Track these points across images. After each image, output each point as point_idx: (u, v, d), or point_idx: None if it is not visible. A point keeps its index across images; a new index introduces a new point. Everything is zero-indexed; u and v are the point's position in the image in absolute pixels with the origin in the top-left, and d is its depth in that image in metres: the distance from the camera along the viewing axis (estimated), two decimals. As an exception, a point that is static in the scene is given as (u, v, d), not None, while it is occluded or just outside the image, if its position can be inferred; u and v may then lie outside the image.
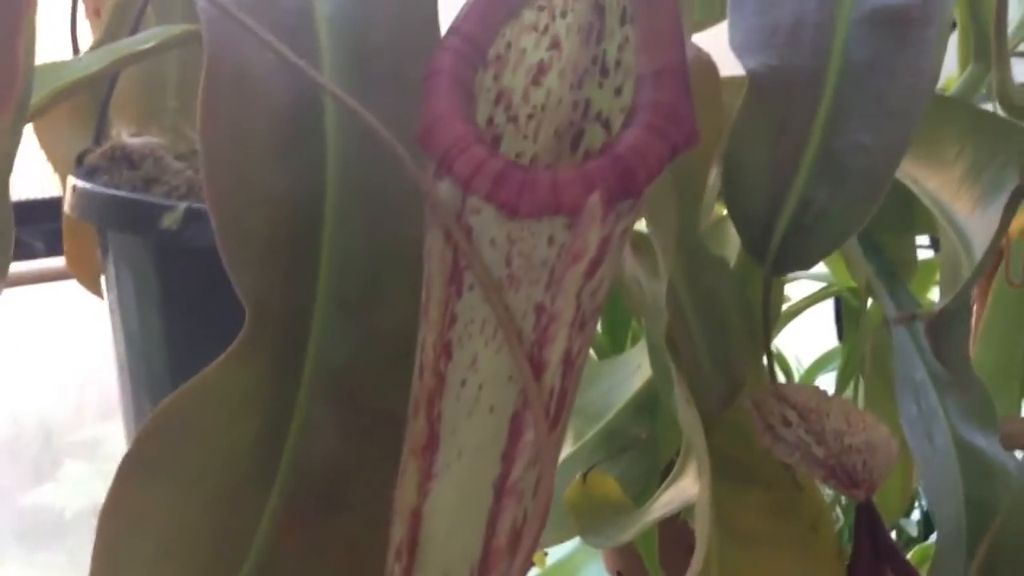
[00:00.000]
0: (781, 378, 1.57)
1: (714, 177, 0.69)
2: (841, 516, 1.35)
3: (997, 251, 0.72)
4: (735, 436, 0.69)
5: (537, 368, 0.44)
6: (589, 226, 0.41)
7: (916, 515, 1.71)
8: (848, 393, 1.54)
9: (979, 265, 0.57)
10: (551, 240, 0.42)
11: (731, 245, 0.83)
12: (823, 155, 0.60)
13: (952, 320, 0.58)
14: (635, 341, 1.38)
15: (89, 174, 0.78)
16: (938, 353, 0.59)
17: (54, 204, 0.91)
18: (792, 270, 0.61)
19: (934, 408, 0.72)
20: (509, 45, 0.48)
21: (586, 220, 0.41)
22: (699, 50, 0.65)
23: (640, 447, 1.08)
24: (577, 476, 0.96)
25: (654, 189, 0.61)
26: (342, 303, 0.52)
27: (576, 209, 0.41)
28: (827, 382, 1.81)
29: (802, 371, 1.61)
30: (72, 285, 0.98)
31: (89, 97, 0.84)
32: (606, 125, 0.49)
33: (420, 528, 0.48)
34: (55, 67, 0.72)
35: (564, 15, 0.49)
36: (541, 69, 0.49)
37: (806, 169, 0.60)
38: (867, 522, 0.62)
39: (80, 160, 0.81)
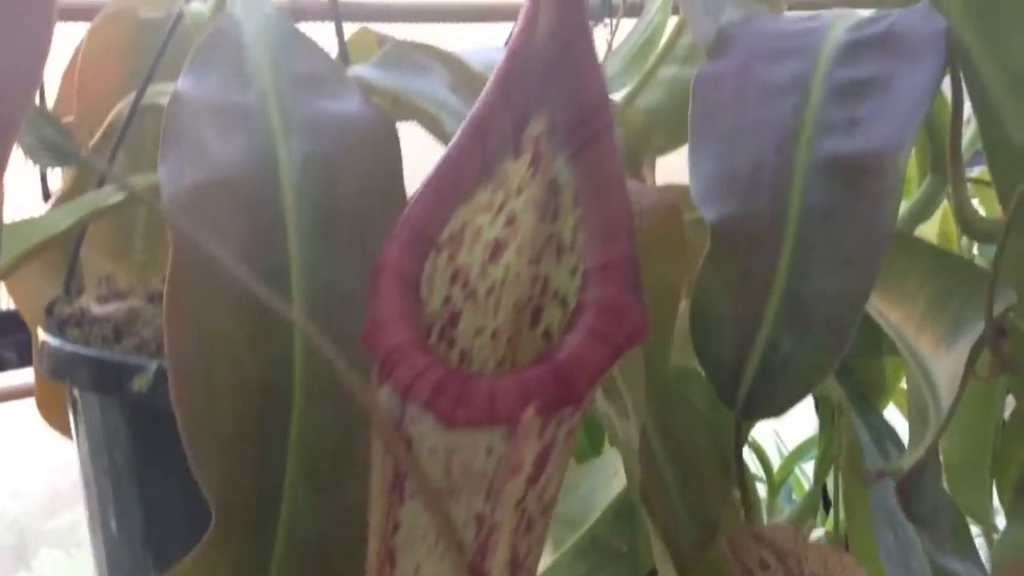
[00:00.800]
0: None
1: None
2: None
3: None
4: (710, 572, 0.69)
5: None
6: (525, 439, 0.41)
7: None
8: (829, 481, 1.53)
9: (945, 420, 0.58)
10: (489, 451, 0.42)
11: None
12: (788, 302, 0.61)
13: (922, 470, 0.58)
14: (612, 441, 1.38)
15: (59, 326, 0.77)
16: (908, 511, 0.59)
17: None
18: (762, 417, 0.62)
19: (911, 537, 0.72)
20: (464, 225, 0.49)
21: (522, 434, 0.41)
22: (663, 195, 0.66)
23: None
24: (559, 593, 0.95)
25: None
26: (313, 481, 0.52)
27: (513, 421, 0.41)
28: (808, 469, 1.81)
29: (783, 456, 1.61)
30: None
31: (59, 244, 0.84)
32: (563, 304, 0.50)
33: None
34: (24, 226, 0.73)
35: (519, 193, 0.49)
36: (498, 246, 0.50)
37: (771, 316, 0.61)
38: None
39: (50, 310, 0.81)
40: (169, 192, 0.51)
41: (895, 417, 1.07)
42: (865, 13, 0.69)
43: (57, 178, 0.93)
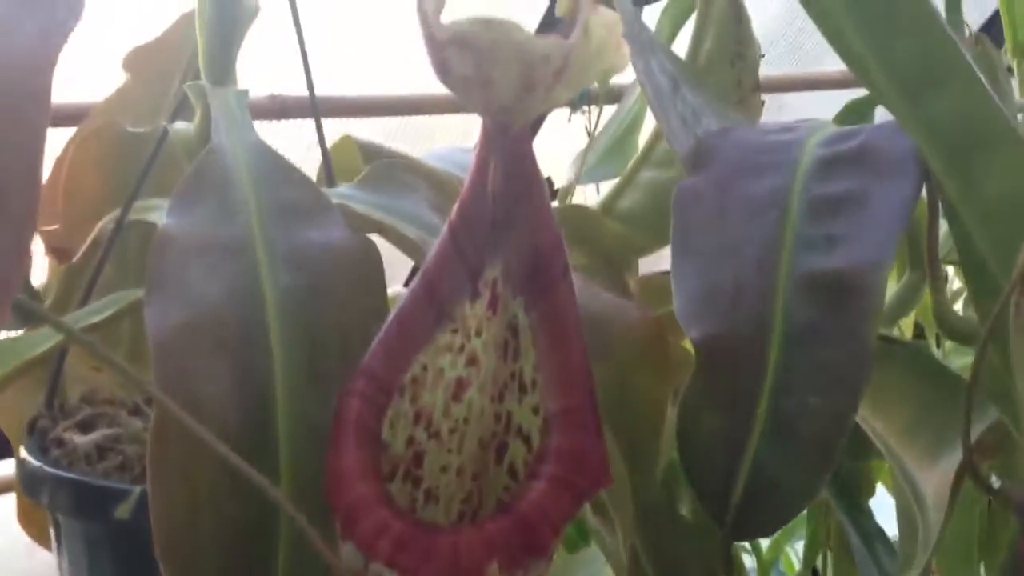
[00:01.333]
0: None
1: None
2: None
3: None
4: None
5: None
6: None
7: None
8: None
9: (935, 544, 0.58)
10: None
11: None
12: (774, 420, 0.61)
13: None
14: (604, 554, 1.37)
15: (40, 442, 0.77)
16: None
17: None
18: (752, 537, 0.62)
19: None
20: (425, 368, 0.50)
21: None
22: (645, 313, 0.66)
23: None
24: None
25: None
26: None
27: None
28: (799, 547, 1.80)
29: (770, 540, 1.61)
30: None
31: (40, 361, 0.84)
32: (527, 441, 0.50)
33: None
34: (5, 345, 0.72)
35: (479, 334, 0.50)
36: (460, 385, 0.51)
37: (758, 435, 0.61)
38: None
39: (31, 428, 0.80)
40: (153, 337, 0.51)
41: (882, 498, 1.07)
42: (836, 128, 0.70)
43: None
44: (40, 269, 0.99)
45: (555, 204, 0.95)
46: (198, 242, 0.56)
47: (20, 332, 0.77)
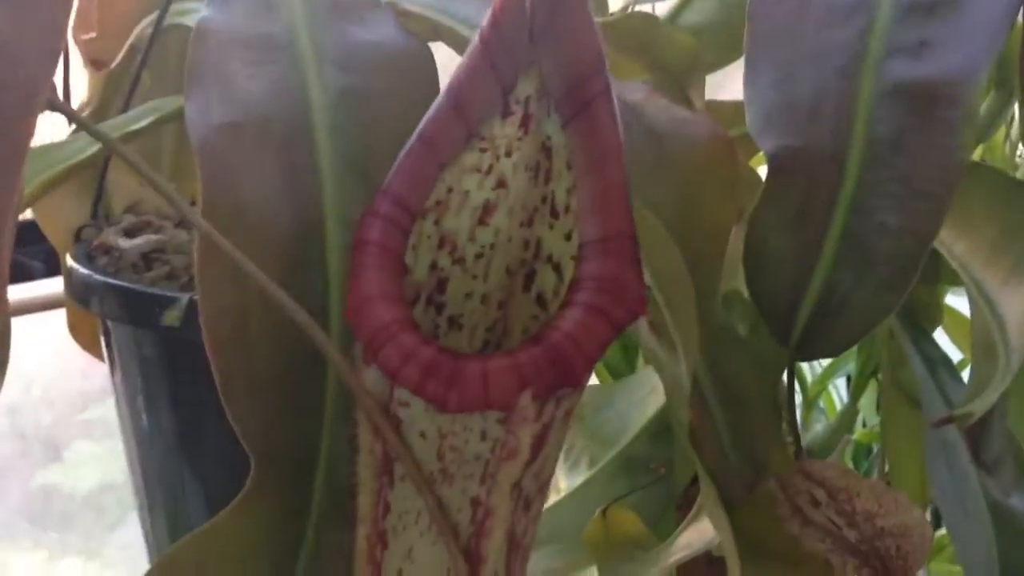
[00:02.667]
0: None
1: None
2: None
3: None
4: (759, 512, 0.67)
5: (475, 562, 0.43)
6: (522, 425, 0.40)
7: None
8: (866, 399, 1.52)
9: (1018, 363, 0.55)
10: (484, 435, 0.41)
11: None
12: (847, 238, 0.57)
13: (992, 416, 0.56)
14: (647, 358, 1.36)
15: (87, 253, 0.76)
16: (976, 458, 0.57)
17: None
18: (818, 356, 0.59)
19: (966, 470, 0.70)
20: (450, 189, 0.47)
21: (518, 419, 0.40)
22: (714, 126, 0.62)
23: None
24: (597, 512, 0.95)
25: (671, 281, 0.59)
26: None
27: (508, 406, 0.39)
28: (843, 384, 1.79)
29: (816, 375, 1.60)
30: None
31: (86, 168, 0.82)
32: (557, 269, 0.47)
33: None
34: (50, 151, 0.70)
35: (509, 154, 0.47)
36: (487, 209, 0.48)
37: (830, 253, 0.58)
38: (902, 613, 0.60)
39: (78, 237, 0.79)
40: (197, 134, 0.48)
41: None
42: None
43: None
44: (81, 85, 0.96)
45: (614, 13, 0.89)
46: (240, 36, 0.53)
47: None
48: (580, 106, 0.43)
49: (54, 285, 1.33)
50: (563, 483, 1.06)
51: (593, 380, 1.43)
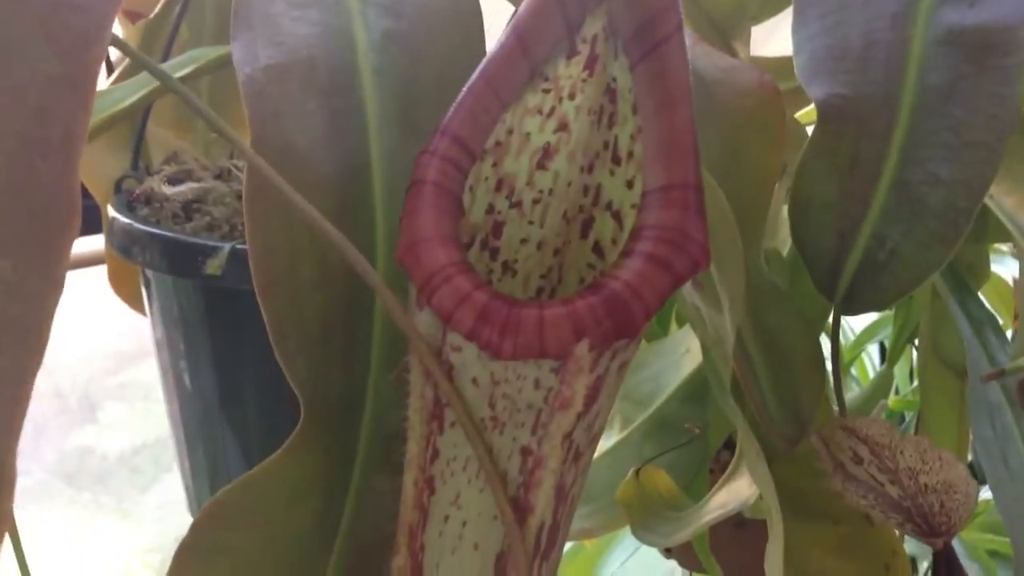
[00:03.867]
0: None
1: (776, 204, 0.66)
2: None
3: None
4: (801, 469, 0.67)
5: (522, 511, 0.42)
6: (577, 375, 0.38)
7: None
8: (900, 366, 1.51)
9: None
10: (537, 384, 0.39)
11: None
12: (897, 189, 0.56)
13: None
14: (680, 319, 1.36)
15: (128, 203, 0.76)
16: (1022, 412, 0.56)
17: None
18: (864, 311, 0.58)
19: (1009, 429, 0.69)
20: (511, 131, 0.45)
21: (573, 369, 0.38)
22: (762, 75, 0.61)
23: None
24: (630, 472, 0.95)
25: (718, 231, 0.58)
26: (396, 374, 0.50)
27: (563, 355, 0.38)
28: (876, 351, 1.78)
29: (850, 340, 1.58)
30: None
31: (125, 119, 0.82)
32: (617, 217, 0.46)
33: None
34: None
35: (572, 96, 0.46)
36: (547, 152, 0.46)
37: (878, 204, 0.57)
38: (946, 569, 0.60)
39: (118, 187, 0.79)
40: (244, 75, 0.48)
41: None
42: None
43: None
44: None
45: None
46: (285, -22, 0.52)
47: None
48: (650, 47, 0.42)
49: (92, 243, 1.33)
50: (596, 443, 1.06)
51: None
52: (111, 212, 0.74)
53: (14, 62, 0.33)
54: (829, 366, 0.64)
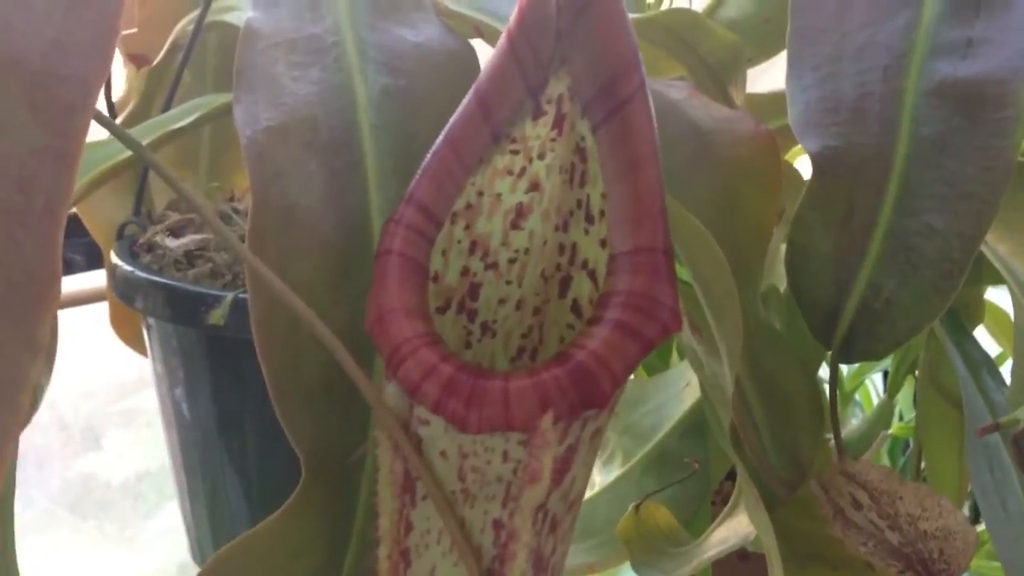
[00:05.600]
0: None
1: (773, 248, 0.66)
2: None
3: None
4: (800, 513, 0.67)
5: None
6: (543, 448, 0.38)
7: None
8: (902, 394, 1.51)
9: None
10: (505, 456, 0.39)
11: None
12: (892, 240, 0.57)
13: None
14: (682, 354, 1.36)
15: (130, 247, 0.77)
16: (1019, 458, 0.56)
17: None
18: (861, 359, 0.59)
19: (1007, 472, 0.70)
20: (481, 192, 0.45)
21: (540, 442, 0.38)
22: (757, 124, 0.62)
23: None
24: (630, 508, 0.95)
25: (713, 281, 0.58)
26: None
27: (530, 427, 0.38)
28: (880, 378, 1.78)
29: (853, 368, 1.58)
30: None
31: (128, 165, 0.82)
32: (592, 277, 0.46)
33: None
34: (93, 149, 0.71)
35: (542, 156, 0.45)
36: (520, 212, 0.46)
37: (874, 254, 0.58)
38: (945, 617, 0.60)
39: (120, 234, 0.80)
40: (245, 138, 0.49)
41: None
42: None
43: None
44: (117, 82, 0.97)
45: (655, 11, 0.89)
46: (286, 38, 0.53)
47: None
48: (612, 109, 0.41)
49: (95, 279, 1.34)
50: (597, 478, 1.06)
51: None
52: (114, 259, 0.74)
53: (-3, 134, 0.33)
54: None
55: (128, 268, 0.72)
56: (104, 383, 2.26)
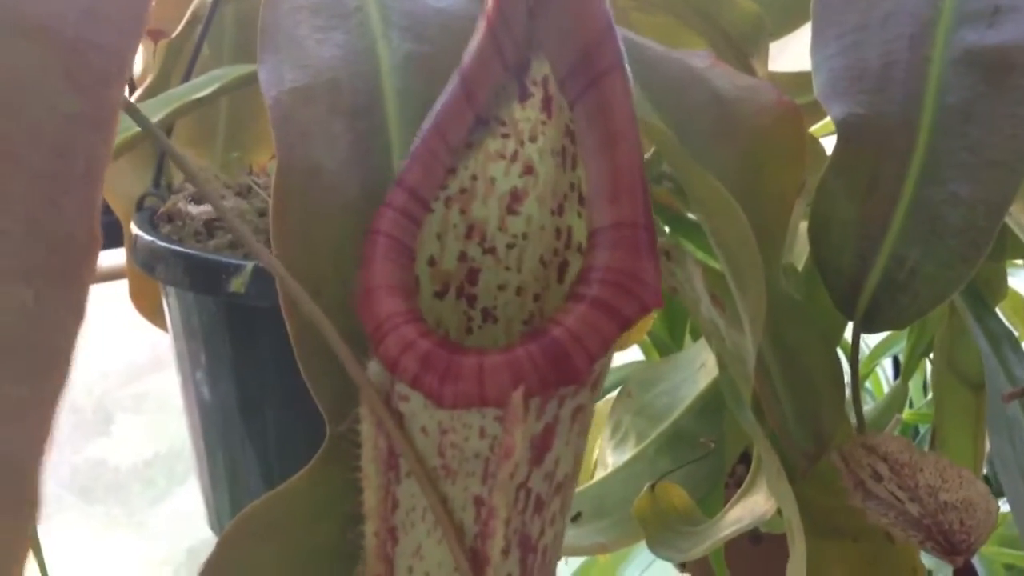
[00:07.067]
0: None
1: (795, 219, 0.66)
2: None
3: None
4: (821, 485, 0.67)
5: (480, 562, 0.41)
6: (515, 423, 0.38)
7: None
8: (914, 380, 1.51)
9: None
10: (482, 432, 0.39)
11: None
12: (916, 208, 0.57)
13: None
14: (695, 333, 1.36)
15: (150, 220, 0.77)
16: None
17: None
18: (883, 329, 0.59)
19: (1028, 446, 0.69)
20: (475, 176, 0.45)
21: (512, 417, 0.38)
22: (780, 93, 0.62)
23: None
24: (646, 487, 0.95)
25: (738, 250, 0.58)
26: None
27: (503, 402, 0.37)
28: (890, 365, 1.77)
29: (864, 355, 1.58)
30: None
31: (147, 138, 0.82)
32: None
33: None
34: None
35: (534, 139, 0.45)
36: (516, 196, 0.46)
37: (898, 223, 0.57)
38: (966, 587, 0.59)
39: (140, 205, 0.80)
40: (270, 98, 0.48)
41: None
42: None
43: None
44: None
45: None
46: (308, 1, 0.53)
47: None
48: (586, 83, 0.40)
49: (111, 257, 1.35)
50: (610, 459, 1.06)
51: (640, 357, 1.43)
52: (134, 229, 0.74)
53: (33, 99, 0.33)
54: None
55: (148, 238, 0.72)
56: (116, 367, 2.26)
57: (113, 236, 0.95)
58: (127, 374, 2.30)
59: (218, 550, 0.50)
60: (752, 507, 0.82)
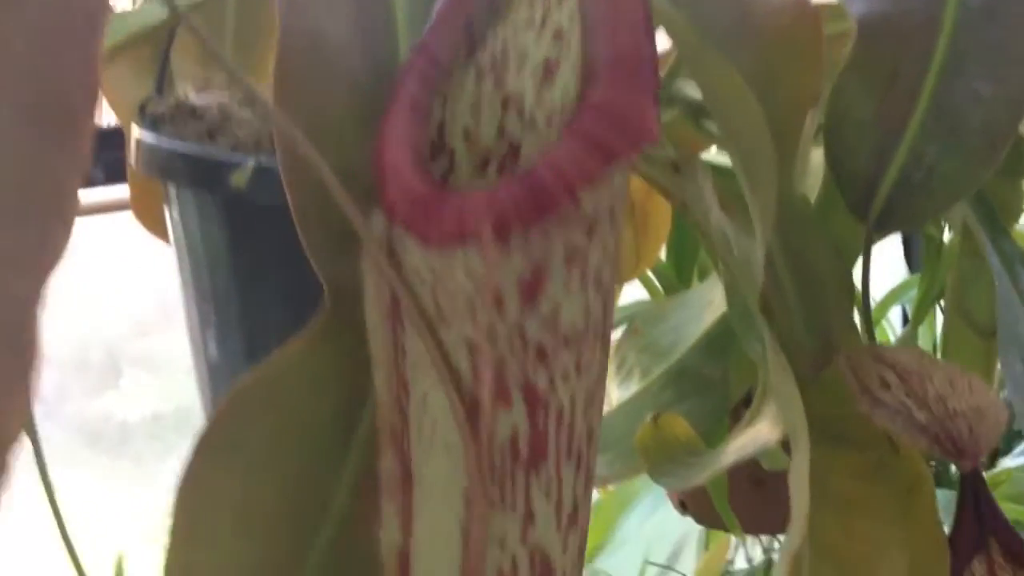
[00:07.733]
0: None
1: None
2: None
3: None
4: (826, 394, 0.66)
5: (475, 407, 0.40)
6: (488, 259, 0.37)
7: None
8: (924, 328, 1.50)
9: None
10: (468, 273, 0.38)
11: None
12: (936, 106, 0.55)
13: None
14: (702, 274, 1.35)
15: (153, 124, 0.76)
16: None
17: (115, 134, 0.89)
18: (897, 230, 0.57)
19: (1040, 367, 0.69)
20: (506, 45, 0.44)
21: (486, 254, 0.37)
22: (798, -10, 0.60)
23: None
24: (648, 417, 0.94)
25: (752, 143, 0.57)
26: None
27: (478, 234, 0.37)
28: (899, 314, 1.77)
29: (874, 303, 1.57)
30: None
31: (150, 42, 0.81)
32: None
33: (409, 570, 0.44)
34: (115, 18, 0.70)
35: (561, 2, 0.43)
36: (549, 66, 0.44)
37: (917, 121, 0.56)
38: (972, 491, 0.59)
39: (143, 109, 0.79)
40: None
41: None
42: None
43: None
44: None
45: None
46: None
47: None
48: None
49: (115, 192, 1.34)
50: (614, 394, 1.06)
51: (646, 296, 1.42)
52: (136, 132, 0.73)
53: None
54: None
55: (150, 138, 0.71)
56: (126, 322, 2.27)
57: (119, 173, 0.94)
58: (138, 330, 2.30)
59: (212, 425, 0.49)
60: (756, 435, 0.81)
